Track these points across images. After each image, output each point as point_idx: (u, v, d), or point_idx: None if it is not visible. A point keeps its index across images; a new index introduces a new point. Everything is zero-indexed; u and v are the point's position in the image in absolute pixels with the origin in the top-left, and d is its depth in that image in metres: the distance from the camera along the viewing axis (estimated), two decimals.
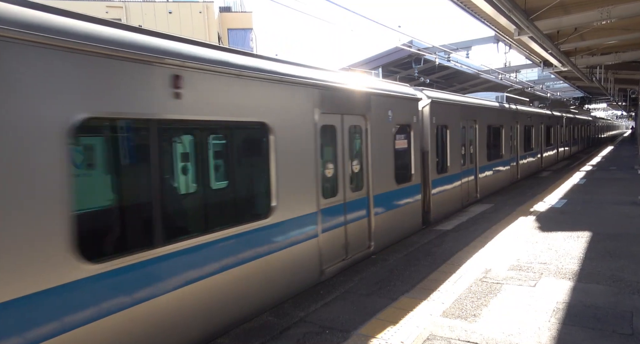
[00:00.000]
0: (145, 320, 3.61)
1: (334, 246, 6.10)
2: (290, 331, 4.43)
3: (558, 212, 9.91)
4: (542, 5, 10.45)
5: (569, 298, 4.96)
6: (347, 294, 5.38)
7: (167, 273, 3.80)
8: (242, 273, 4.55)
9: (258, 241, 4.76)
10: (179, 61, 3.89)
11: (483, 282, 5.60)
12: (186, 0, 26.97)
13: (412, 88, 9.01)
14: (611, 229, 8.08)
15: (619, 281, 5.43)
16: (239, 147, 5.36)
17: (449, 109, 10.31)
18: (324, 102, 5.91)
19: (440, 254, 6.88)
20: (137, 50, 3.56)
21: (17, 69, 2.87)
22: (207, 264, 4.16)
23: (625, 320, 4.34)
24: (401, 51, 18.32)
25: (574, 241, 7.38)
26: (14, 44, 2.84)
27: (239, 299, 4.57)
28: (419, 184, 8.63)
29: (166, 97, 3.80)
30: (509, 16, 9.72)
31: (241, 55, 4.81)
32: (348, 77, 6.77)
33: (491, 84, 26.34)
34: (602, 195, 11.83)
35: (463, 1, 10.52)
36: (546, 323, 4.36)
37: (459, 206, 10.77)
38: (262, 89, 4.83)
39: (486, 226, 8.73)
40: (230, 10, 30.34)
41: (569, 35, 13.36)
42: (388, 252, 7.11)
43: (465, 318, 4.55)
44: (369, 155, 6.93)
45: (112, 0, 26.03)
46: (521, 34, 11.25)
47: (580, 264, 6.15)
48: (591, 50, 17.21)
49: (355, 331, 4.35)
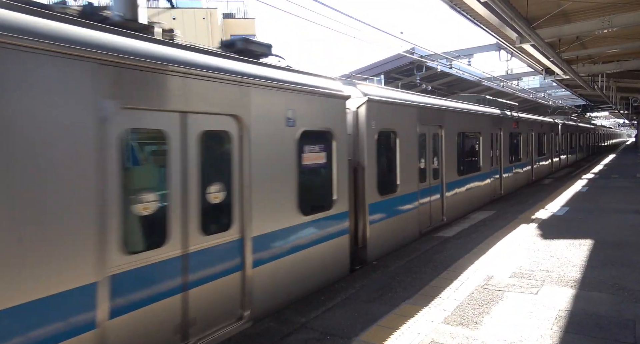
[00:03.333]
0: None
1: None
2: (291, 337, 4.42)
3: (560, 220, 9.89)
4: (544, 13, 10.52)
5: (571, 306, 4.95)
6: (348, 300, 5.36)
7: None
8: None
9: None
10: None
11: (485, 289, 5.58)
12: (190, 7, 27.19)
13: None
14: (613, 237, 8.06)
15: (621, 289, 5.41)
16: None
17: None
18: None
19: (442, 261, 6.87)
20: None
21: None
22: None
23: (628, 329, 4.32)
24: (403, 58, 18.43)
25: (576, 248, 7.36)
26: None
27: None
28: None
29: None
30: (511, 24, 9.78)
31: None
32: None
33: (493, 92, 26.42)
34: (604, 203, 11.81)
35: (465, 9, 10.60)
36: (548, 331, 4.35)
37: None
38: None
39: (488, 233, 8.71)
40: (234, 17, 30.52)
41: (571, 43, 13.42)
42: (389, 259, 7.10)
43: (467, 325, 4.53)
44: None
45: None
46: (523, 42, 11.32)
47: (582, 272, 6.13)
48: (593, 58, 17.28)
49: (357, 338, 4.34)
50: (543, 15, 10.56)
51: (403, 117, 8.27)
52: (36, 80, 3.02)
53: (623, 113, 43.88)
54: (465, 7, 10.19)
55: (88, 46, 3.30)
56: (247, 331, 4.55)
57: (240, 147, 4.67)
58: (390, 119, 7.79)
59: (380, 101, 7.52)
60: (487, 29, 12.32)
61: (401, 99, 8.43)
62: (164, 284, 3.86)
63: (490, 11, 9.30)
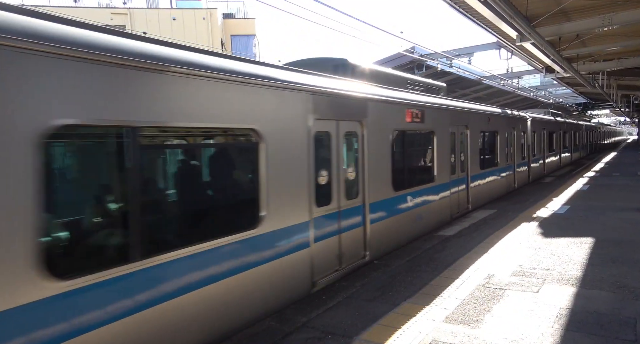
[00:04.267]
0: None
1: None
2: (292, 336, 4.43)
3: (561, 218, 9.88)
4: (544, 11, 10.50)
5: (572, 304, 4.95)
6: (349, 299, 5.37)
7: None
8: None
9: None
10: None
11: (486, 288, 5.58)
12: (190, 7, 27.21)
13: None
14: (614, 235, 8.05)
15: (622, 287, 5.40)
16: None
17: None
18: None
19: (443, 260, 6.87)
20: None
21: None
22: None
23: (629, 326, 4.32)
24: (403, 57, 18.41)
25: (577, 247, 7.36)
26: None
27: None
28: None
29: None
30: (511, 23, 9.77)
31: None
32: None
33: (494, 90, 26.39)
34: (605, 201, 11.79)
35: (464, 7, 10.59)
36: (549, 329, 4.35)
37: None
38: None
39: (489, 232, 8.71)
40: (234, 17, 30.56)
41: (571, 41, 13.41)
42: (390, 258, 7.11)
43: (468, 324, 4.53)
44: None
45: (117, 8, 26.29)
46: (523, 40, 11.31)
47: (583, 270, 6.13)
48: (593, 56, 17.25)
49: (358, 337, 4.34)
50: (543, 14, 10.54)
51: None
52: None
53: (624, 111, 43.83)
54: (465, 5, 10.19)
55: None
56: (248, 330, 4.57)
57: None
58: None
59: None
60: (487, 27, 12.32)
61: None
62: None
63: (490, 10, 9.31)
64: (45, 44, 3.04)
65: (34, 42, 2.98)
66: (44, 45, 3.04)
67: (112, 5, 27.37)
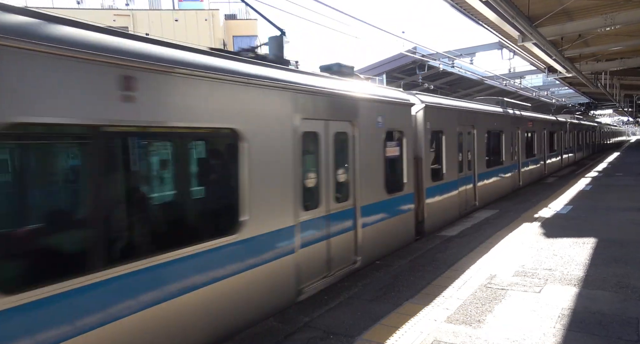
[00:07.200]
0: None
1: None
2: (294, 336, 4.44)
3: (563, 218, 9.86)
4: (546, 11, 10.48)
5: (574, 304, 4.94)
6: (351, 299, 5.38)
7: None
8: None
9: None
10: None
11: (487, 288, 5.58)
12: (192, 8, 27.27)
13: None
14: (617, 235, 8.03)
15: (624, 287, 5.40)
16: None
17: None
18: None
19: (445, 260, 6.87)
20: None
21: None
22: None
23: (631, 327, 4.32)
24: (405, 57, 18.41)
25: (579, 247, 7.35)
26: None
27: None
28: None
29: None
30: (513, 23, 9.76)
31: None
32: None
33: (496, 90, 26.35)
34: (608, 201, 11.76)
35: (466, 8, 10.59)
36: (551, 329, 4.35)
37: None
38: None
39: (490, 232, 8.71)
40: (236, 18, 30.60)
41: (573, 41, 13.37)
42: (392, 258, 7.11)
43: (470, 324, 4.54)
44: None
45: (119, 9, 26.38)
46: (525, 40, 11.29)
47: (585, 270, 6.12)
48: (596, 56, 17.19)
49: (360, 337, 4.35)
50: (545, 14, 10.52)
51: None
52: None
53: (627, 111, 43.65)
54: (467, 6, 10.18)
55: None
56: (249, 330, 4.58)
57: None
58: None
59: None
60: (489, 27, 12.30)
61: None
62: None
63: (492, 10, 9.30)
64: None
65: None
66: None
67: (115, 7, 27.48)
